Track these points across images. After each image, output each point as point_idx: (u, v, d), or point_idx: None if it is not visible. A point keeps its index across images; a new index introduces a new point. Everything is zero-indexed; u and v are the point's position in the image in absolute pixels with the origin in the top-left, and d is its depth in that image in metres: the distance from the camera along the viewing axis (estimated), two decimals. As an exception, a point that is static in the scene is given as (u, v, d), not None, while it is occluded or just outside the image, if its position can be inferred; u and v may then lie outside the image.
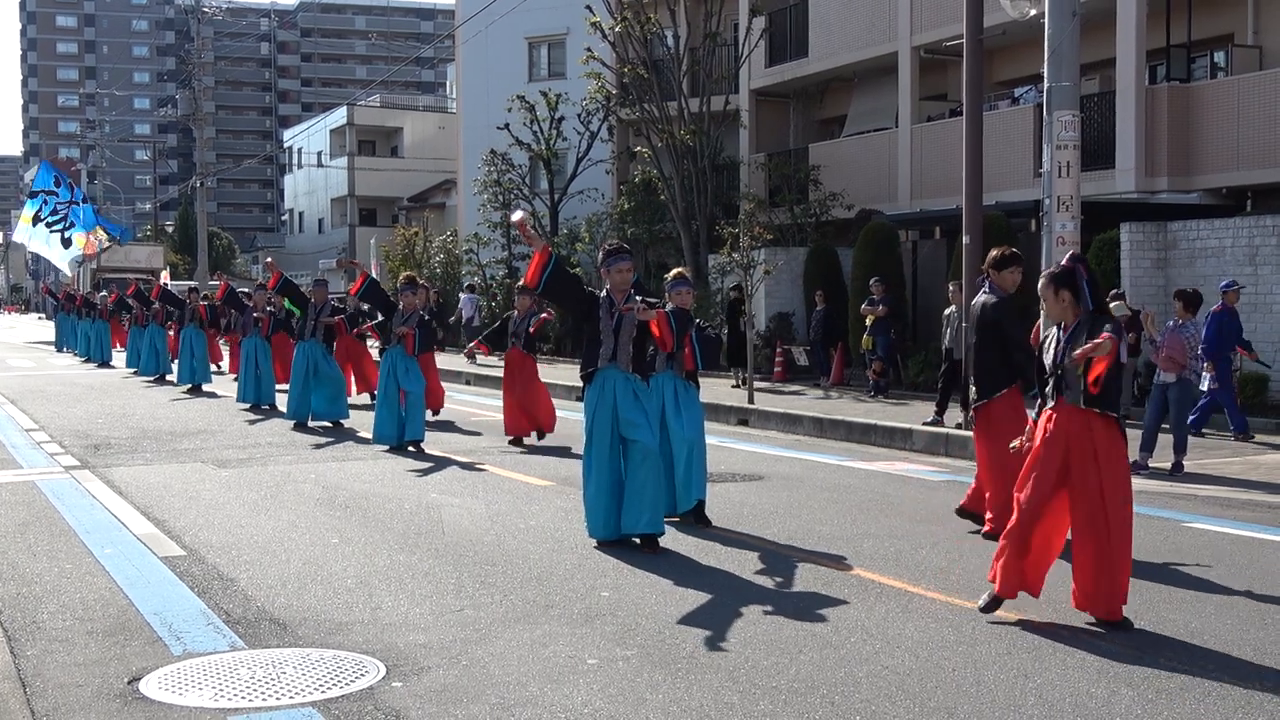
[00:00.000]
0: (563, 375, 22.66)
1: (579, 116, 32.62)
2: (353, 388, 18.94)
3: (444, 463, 12.95)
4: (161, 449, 14.01)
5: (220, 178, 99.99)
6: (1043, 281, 6.81)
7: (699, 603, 6.98)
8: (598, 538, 8.56)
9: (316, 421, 16.45)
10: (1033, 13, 14.89)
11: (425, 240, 39.86)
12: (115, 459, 13.13)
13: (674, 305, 9.16)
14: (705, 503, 9.52)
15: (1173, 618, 6.62)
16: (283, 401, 17.42)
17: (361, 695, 5.37)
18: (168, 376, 24.65)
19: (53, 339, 39.87)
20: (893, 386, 20.09)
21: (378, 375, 15.34)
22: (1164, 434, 12.45)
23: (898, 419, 15.68)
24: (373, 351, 19.40)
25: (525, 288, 14.91)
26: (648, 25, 28.93)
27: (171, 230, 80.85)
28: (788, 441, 15.45)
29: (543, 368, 25.67)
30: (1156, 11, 21.22)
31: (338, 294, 26.55)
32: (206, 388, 22.42)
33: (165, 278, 28.51)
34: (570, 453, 13.27)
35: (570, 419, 16.77)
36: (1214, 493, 10.99)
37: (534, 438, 14.76)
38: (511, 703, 5.26)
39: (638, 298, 8.60)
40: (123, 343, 30.86)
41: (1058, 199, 13.64)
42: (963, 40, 15.82)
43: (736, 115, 29.77)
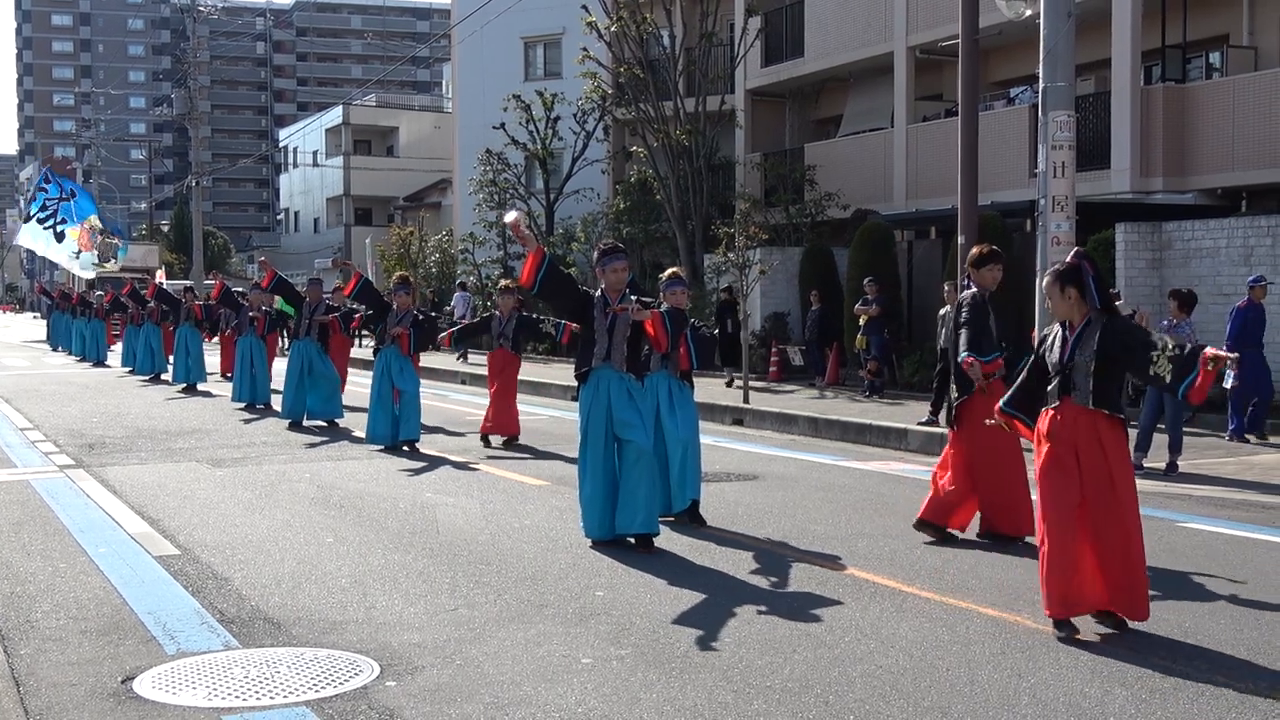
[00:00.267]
0: (558, 375, 22.66)
1: (575, 116, 32.64)
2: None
3: (438, 462, 12.95)
4: (156, 448, 14.00)
5: (216, 177, 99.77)
6: (1048, 279, 6.68)
7: (693, 602, 6.98)
8: (592, 537, 8.56)
9: (311, 420, 16.43)
10: (1028, 13, 14.92)
11: (421, 240, 39.85)
12: (110, 458, 13.12)
13: (669, 305, 9.18)
14: (700, 502, 9.52)
15: (1167, 617, 6.63)
16: (278, 401, 17.39)
17: (355, 695, 5.36)
18: (163, 375, 24.63)
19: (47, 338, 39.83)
20: (888, 386, 20.10)
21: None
22: (1159, 433, 12.48)
23: (893, 419, 15.69)
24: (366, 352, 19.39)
25: (507, 288, 14.91)
26: (644, 25, 28.95)
27: (167, 229, 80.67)
28: (783, 441, 15.45)
29: (538, 367, 25.85)
30: (1152, 12, 21.25)
31: (327, 294, 26.50)
32: (201, 387, 22.40)
33: (161, 277, 28.43)
34: (565, 452, 13.26)
35: (566, 418, 16.78)
36: (1209, 493, 11.00)
37: (497, 441, 14.46)
38: (505, 702, 5.26)
39: (633, 297, 8.61)
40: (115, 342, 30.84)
41: (1053, 199, 13.66)
42: (958, 40, 15.84)
43: (732, 115, 29.79)
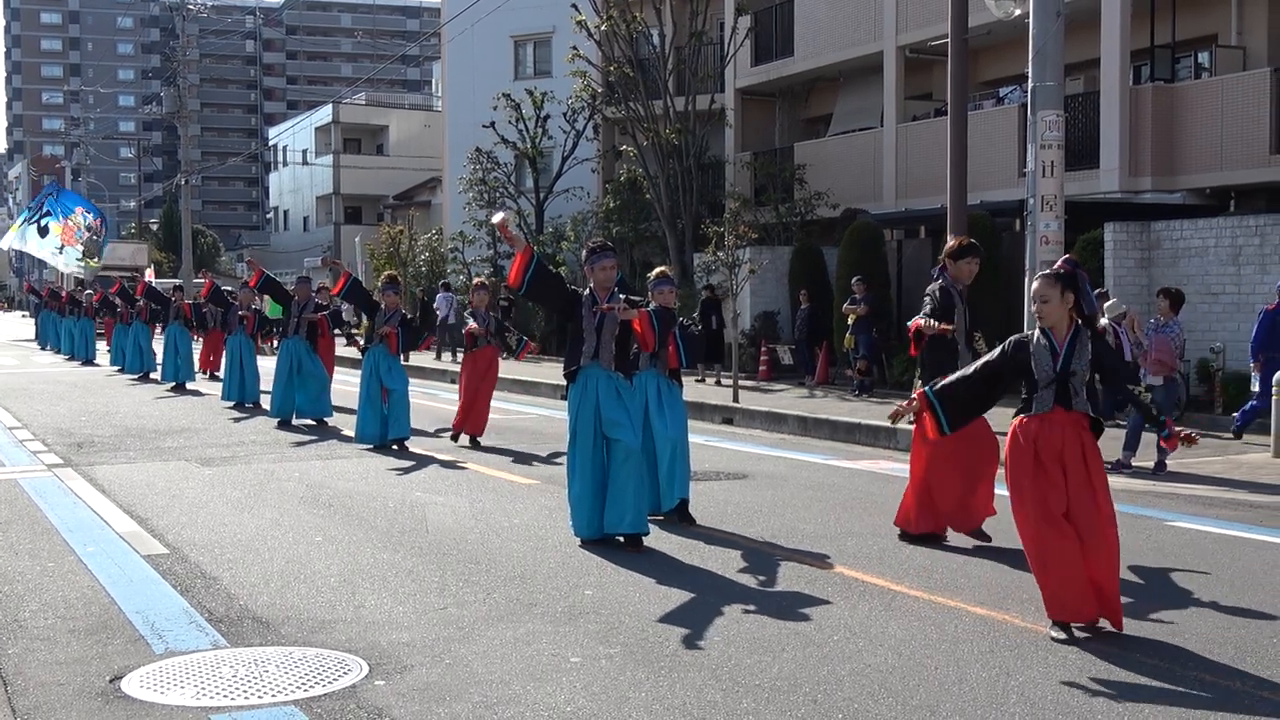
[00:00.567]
0: (547, 374, 22.65)
1: (564, 115, 32.61)
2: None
3: (427, 461, 12.93)
4: (145, 447, 13.96)
5: (205, 175, 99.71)
6: (1045, 282, 6.43)
7: (682, 601, 6.98)
8: (581, 536, 8.56)
9: (300, 419, 16.41)
10: (1017, 13, 14.95)
11: (410, 239, 39.80)
12: (98, 457, 13.09)
13: (657, 304, 9.18)
14: (689, 501, 9.52)
15: (1154, 616, 6.64)
16: (266, 400, 17.37)
17: (344, 694, 5.36)
18: (152, 374, 24.58)
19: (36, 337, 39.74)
20: (877, 385, 20.13)
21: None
22: (1147, 432, 12.50)
23: (882, 418, 15.69)
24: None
25: (482, 284, 14.93)
26: (633, 24, 28.93)
27: (156, 228, 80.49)
28: (772, 440, 15.46)
29: (527, 366, 25.85)
30: (1141, 12, 21.29)
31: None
32: (190, 386, 22.36)
33: (150, 275, 28.41)
34: (554, 451, 13.25)
35: (555, 417, 16.77)
36: (1196, 491, 11.03)
37: (465, 440, 14.39)
38: (494, 701, 5.26)
39: (621, 296, 8.61)
40: (106, 340, 30.76)
41: (1042, 198, 13.69)
42: (948, 40, 15.87)
43: (722, 114, 29.79)
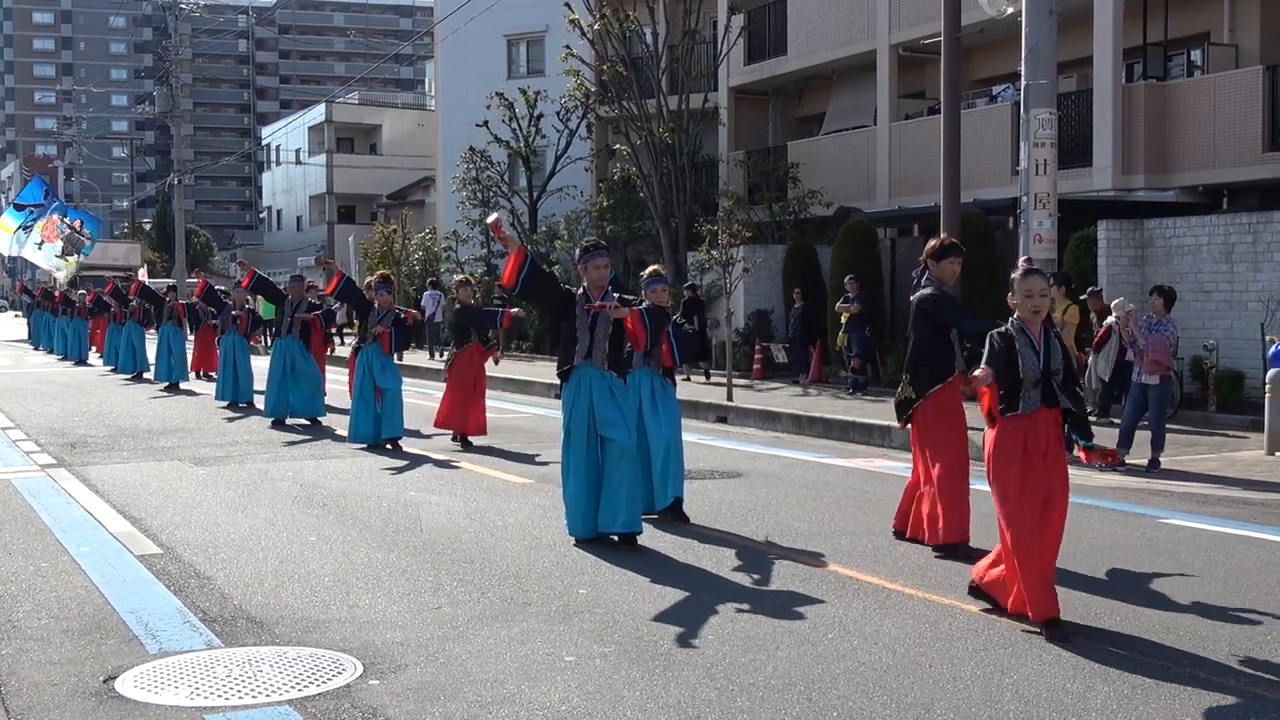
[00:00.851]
0: (541, 373, 22.64)
1: (558, 114, 32.60)
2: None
3: (421, 460, 12.93)
4: (139, 447, 13.94)
5: (198, 175, 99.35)
6: (1040, 279, 6.45)
7: (676, 600, 6.98)
8: (576, 535, 8.55)
9: (294, 419, 16.40)
10: (1010, 11, 14.96)
11: (404, 238, 39.77)
12: (92, 457, 13.07)
13: (650, 303, 9.18)
14: (683, 500, 9.52)
15: (1148, 613, 6.66)
16: (260, 400, 17.34)
17: (338, 693, 5.35)
18: (145, 374, 24.54)
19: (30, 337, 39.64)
20: (871, 384, 20.15)
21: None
22: (1141, 430, 12.53)
23: (876, 416, 15.71)
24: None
25: (465, 281, 14.93)
26: (627, 23, 28.93)
27: (149, 228, 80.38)
28: (766, 439, 15.47)
29: (521, 365, 25.83)
30: (1133, 10, 21.32)
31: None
32: (184, 386, 22.33)
33: (143, 275, 28.34)
34: (548, 450, 13.25)
35: (549, 416, 16.77)
36: (1190, 489, 11.05)
37: (456, 441, 14.26)
38: (489, 700, 5.26)
39: (614, 294, 8.60)
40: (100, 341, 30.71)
41: (1035, 196, 13.71)
42: (941, 38, 15.88)
43: (715, 113, 29.79)
